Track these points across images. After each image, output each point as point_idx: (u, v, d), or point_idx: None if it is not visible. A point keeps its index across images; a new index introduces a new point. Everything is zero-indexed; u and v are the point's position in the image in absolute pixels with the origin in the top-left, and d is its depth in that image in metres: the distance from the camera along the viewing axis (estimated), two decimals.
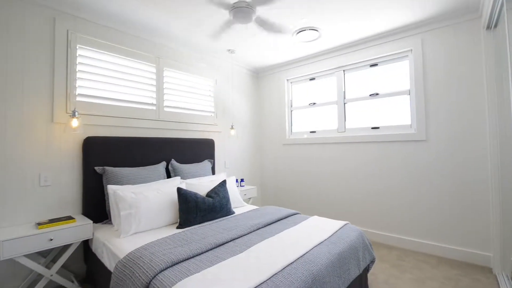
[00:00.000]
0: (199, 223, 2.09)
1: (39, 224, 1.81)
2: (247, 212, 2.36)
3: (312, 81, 3.66)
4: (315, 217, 2.20)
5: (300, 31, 2.71)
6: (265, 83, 4.17)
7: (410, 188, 2.73)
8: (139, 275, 1.29)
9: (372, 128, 3.04)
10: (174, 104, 2.98)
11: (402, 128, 2.83)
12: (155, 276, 1.27)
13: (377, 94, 3.00)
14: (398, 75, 2.88)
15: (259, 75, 4.24)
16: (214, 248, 1.60)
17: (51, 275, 1.79)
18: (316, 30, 2.70)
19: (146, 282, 1.25)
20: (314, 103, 3.60)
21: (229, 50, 3.25)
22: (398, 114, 2.88)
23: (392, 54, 2.88)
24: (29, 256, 1.92)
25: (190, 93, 3.16)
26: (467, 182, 2.42)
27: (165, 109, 2.89)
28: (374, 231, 2.97)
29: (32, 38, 2.02)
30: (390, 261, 2.47)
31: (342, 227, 1.96)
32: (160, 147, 2.70)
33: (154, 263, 1.34)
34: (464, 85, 2.43)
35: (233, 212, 2.37)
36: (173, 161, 2.74)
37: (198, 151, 3.09)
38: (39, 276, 1.99)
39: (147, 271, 1.29)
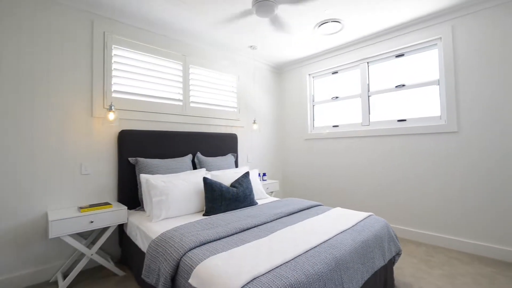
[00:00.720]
0: (224, 211, 2.17)
1: (81, 208, 2.00)
2: (269, 202, 2.41)
3: (335, 74, 3.62)
4: (338, 208, 2.19)
5: (322, 24, 2.71)
6: (286, 78, 4.19)
7: (440, 182, 2.62)
8: (171, 252, 1.39)
9: (398, 120, 2.95)
10: (199, 100, 3.11)
11: (431, 120, 2.72)
12: (185, 254, 1.36)
13: (403, 85, 2.91)
14: (426, 64, 2.77)
15: (281, 71, 4.27)
16: (239, 232, 1.66)
17: (92, 255, 1.97)
18: (339, 22, 2.68)
19: (178, 259, 1.34)
20: (337, 97, 3.56)
21: (251, 46, 3.32)
22: (426, 106, 2.77)
23: (419, 43, 2.78)
24: (72, 236, 2.13)
25: (214, 89, 3.27)
26: (503, 176, 2.27)
27: (191, 104, 3.02)
28: (400, 227, 2.88)
29: (73, 40, 2.23)
30: (418, 256, 2.39)
31: (366, 217, 1.94)
32: (186, 141, 2.84)
33: (184, 242, 1.44)
34: (501, 73, 2.29)
35: (256, 203, 2.43)
36: (198, 154, 2.86)
37: (222, 145, 3.20)
38: (81, 256, 2.19)
39: (178, 249, 1.39)
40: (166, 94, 2.81)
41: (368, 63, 3.23)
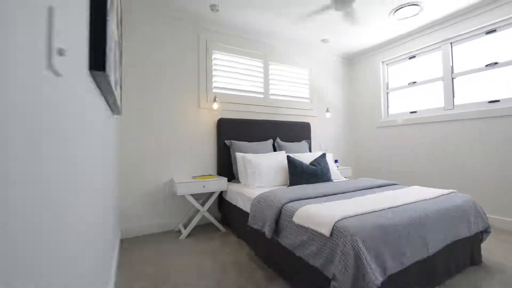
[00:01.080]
0: (305, 184, 2.50)
1: (194, 177, 2.63)
2: (345, 180, 2.63)
3: (412, 59, 3.53)
4: (416, 186, 2.26)
5: (398, 9, 2.76)
6: (357, 67, 4.25)
7: None
8: (274, 203, 1.79)
9: (490, 102, 2.75)
10: (277, 92, 3.52)
11: None
12: (284, 205, 1.75)
13: (495, 63, 2.70)
14: None
15: (352, 61, 4.35)
16: (323, 196, 1.97)
17: (204, 212, 2.57)
18: (417, 5, 2.69)
19: (280, 207, 1.73)
20: (415, 82, 3.48)
21: (323, 40, 3.56)
22: None
23: None
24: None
25: (289, 82, 3.64)
26: None
27: (270, 96, 3.46)
28: (490, 216, 2.69)
29: (186, 48, 2.90)
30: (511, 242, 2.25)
31: (449, 193, 1.98)
32: (267, 128, 3.28)
33: (281, 197, 1.83)
34: None
35: (332, 180, 2.68)
36: (278, 139, 3.27)
37: (297, 132, 3.54)
38: (194, 214, 2.85)
39: (279, 200, 1.78)
40: (250, 87, 3.31)
41: (451, 43, 3.07)
